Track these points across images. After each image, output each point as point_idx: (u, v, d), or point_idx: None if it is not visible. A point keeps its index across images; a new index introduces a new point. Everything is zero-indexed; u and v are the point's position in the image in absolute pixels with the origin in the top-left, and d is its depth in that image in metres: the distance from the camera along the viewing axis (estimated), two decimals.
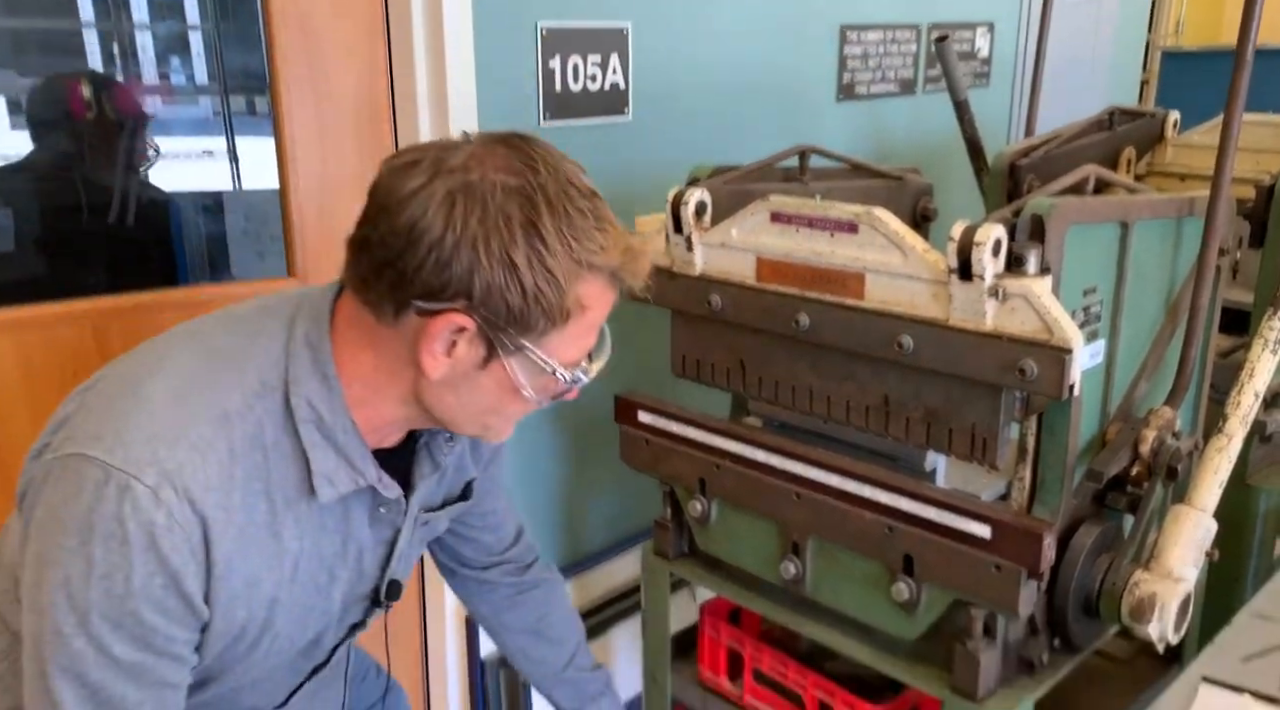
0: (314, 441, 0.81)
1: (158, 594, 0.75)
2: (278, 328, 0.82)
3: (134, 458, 0.74)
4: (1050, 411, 1.02)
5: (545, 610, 1.20)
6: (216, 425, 0.77)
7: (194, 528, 0.75)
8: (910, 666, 1.09)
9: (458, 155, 0.77)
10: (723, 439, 1.20)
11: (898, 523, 1.05)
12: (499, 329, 0.78)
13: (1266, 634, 1.09)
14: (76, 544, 0.73)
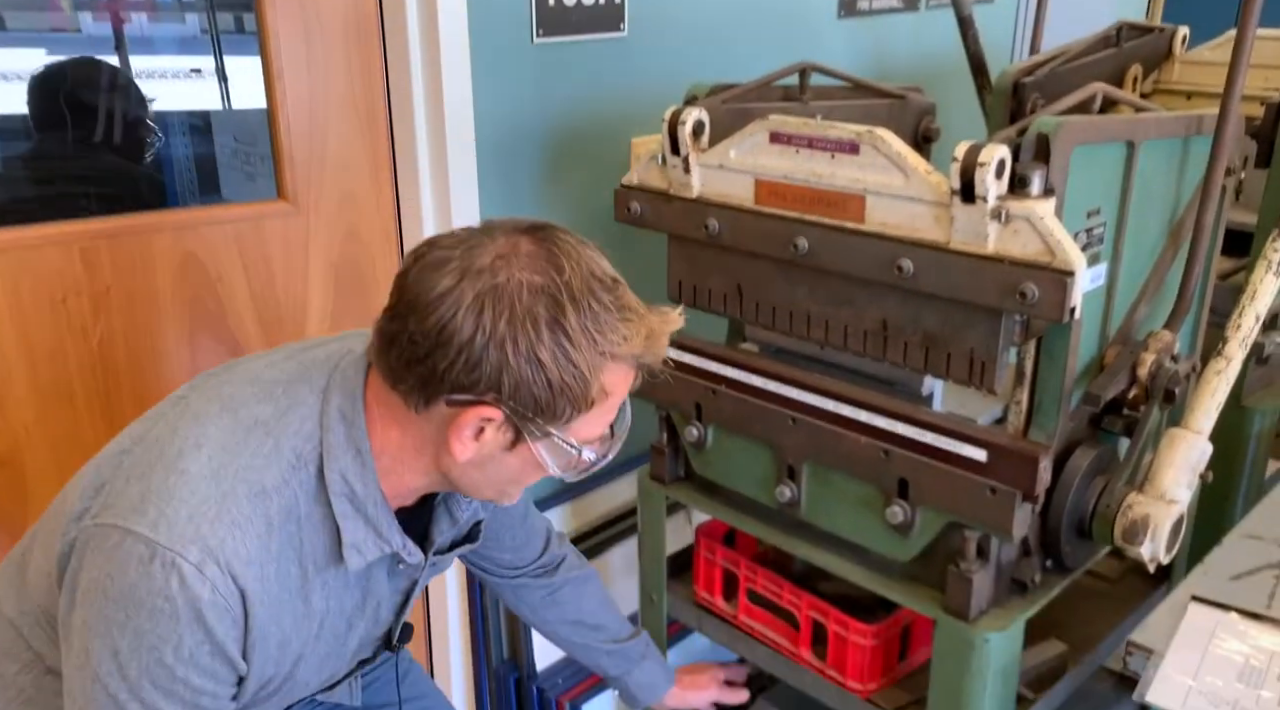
0: (345, 513, 0.85)
1: (205, 661, 0.80)
2: (312, 399, 0.85)
3: (178, 535, 0.77)
4: (1049, 335, 1.01)
5: (580, 602, 1.26)
6: (255, 501, 0.81)
7: (235, 599, 0.79)
8: (903, 587, 1.11)
9: (485, 254, 0.79)
10: (719, 365, 1.20)
11: (893, 447, 1.05)
12: (526, 418, 0.81)
13: (1255, 553, 1.11)
14: (124, 618, 0.77)
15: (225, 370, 0.92)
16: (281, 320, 1.44)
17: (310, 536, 0.85)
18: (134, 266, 1.31)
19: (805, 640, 1.22)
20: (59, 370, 1.27)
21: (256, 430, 0.84)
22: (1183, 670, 0.93)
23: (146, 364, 1.34)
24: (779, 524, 1.22)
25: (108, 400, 1.32)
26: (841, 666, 1.18)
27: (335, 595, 0.89)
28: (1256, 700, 0.89)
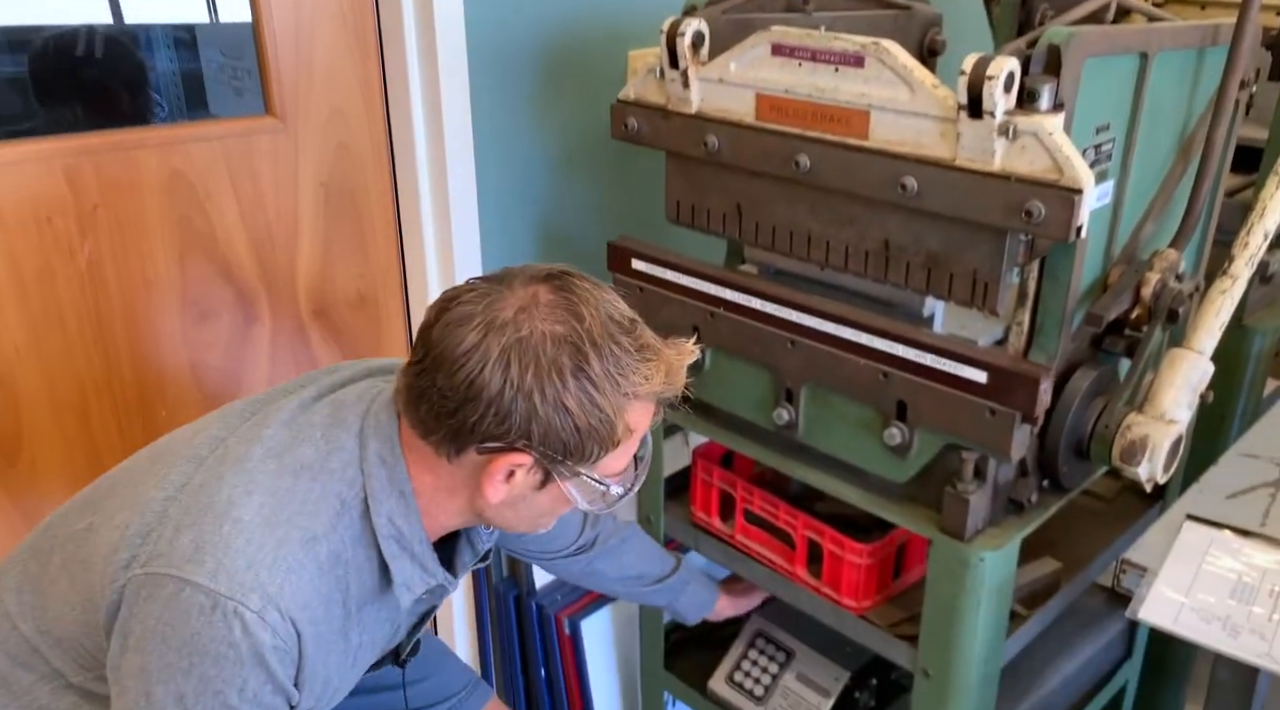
0: (394, 553, 0.89)
1: (267, 699, 0.83)
2: (351, 443, 0.89)
3: (238, 584, 0.80)
4: (1054, 255, 1.00)
5: (618, 565, 1.29)
6: (306, 547, 0.84)
7: (293, 641, 0.83)
8: (899, 507, 1.11)
9: (507, 307, 0.82)
10: (718, 287, 1.18)
11: (893, 369, 1.04)
12: (555, 461, 0.85)
13: (1251, 472, 1.11)
14: (188, 665, 0.80)
15: (254, 411, 0.94)
16: (273, 240, 1.42)
17: (354, 578, 0.88)
18: (120, 185, 1.28)
19: (801, 559, 1.23)
20: (47, 292, 1.25)
21: (303, 475, 0.86)
22: (1175, 588, 0.94)
23: (137, 285, 1.32)
24: (776, 446, 1.22)
25: (99, 323, 1.30)
26: (836, 585, 1.19)
27: (369, 630, 0.94)
28: (1248, 616, 0.90)
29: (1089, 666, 1.42)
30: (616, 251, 1.28)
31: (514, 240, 1.55)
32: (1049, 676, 1.35)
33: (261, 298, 1.44)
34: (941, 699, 1.11)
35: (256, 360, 1.46)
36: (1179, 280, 1.03)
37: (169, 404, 1.39)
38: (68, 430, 1.32)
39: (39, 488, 1.31)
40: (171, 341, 1.37)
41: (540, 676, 1.63)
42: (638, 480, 0.93)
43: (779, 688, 1.37)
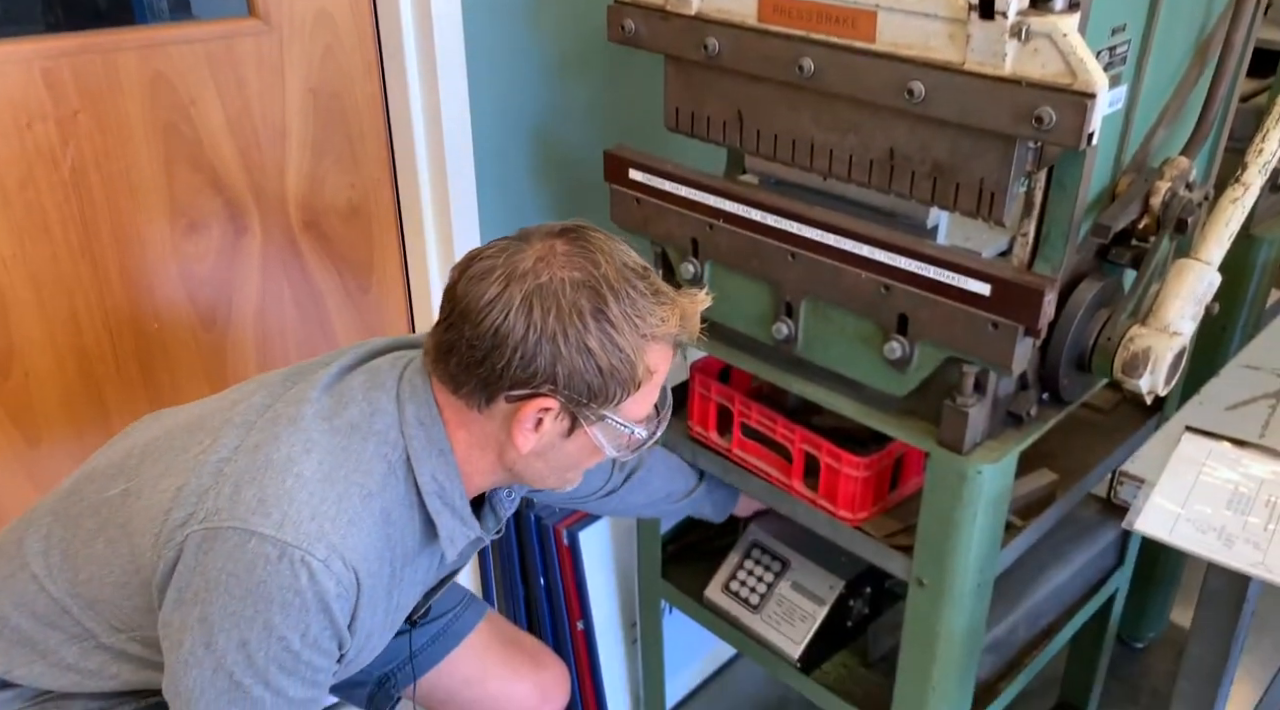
0: (438, 509, 0.94)
1: (326, 645, 0.88)
2: (390, 407, 0.92)
3: (304, 534, 0.84)
4: (1062, 163, 0.97)
5: (648, 489, 1.31)
6: (363, 502, 0.88)
7: (353, 590, 0.88)
8: (897, 421, 1.11)
9: (526, 259, 0.86)
10: (717, 198, 1.16)
11: (895, 282, 1.03)
12: (581, 404, 0.88)
13: (1252, 383, 1.11)
14: (252, 613, 0.84)
15: (294, 380, 0.97)
16: (261, 148, 1.38)
17: (398, 536, 0.92)
18: (100, 89, 1.23)
19: (798, 472, 1.24)
20: (31, 201, 1.22)
21: (355, 435, 0.90)
22: (1172, 499, 0.94)
23: (122, 194, 1.29)
24: (775, 360, 1.21)
25: (85, 232, 1.28)
26: (833, 497, 1.20)
27: (406, 590, 0.98)
28: (1243, 526, 0.91)
29: (1080, 574, 1.44)
30: (613, 161, 1.25)
31: (507, 149, 1.52)
32: (1041, 584, 1.37)
33: (251, 208, 1.41)
34: (935, 607, 1.13)
35: (247, 272, 1.44)
36: (1189, 189, 1.01)
37: (161, 317, 1.38)
38: (60, 343, 1.30)
39: (34, 402, 1.31)
40: (160, 252, 1.35)
41: (540, 586, 1.65)
42: (661, 425, 0.97)
43: (774, 596, 1.39)
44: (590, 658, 1.67)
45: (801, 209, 1.09)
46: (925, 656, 1.16)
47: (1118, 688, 1.84)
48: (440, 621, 1.25)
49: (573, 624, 1.65)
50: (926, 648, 1.16)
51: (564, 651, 1.68)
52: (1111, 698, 1.81)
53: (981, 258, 1.02)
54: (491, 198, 1.51)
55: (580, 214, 1.65)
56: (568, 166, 1.59)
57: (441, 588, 1.10)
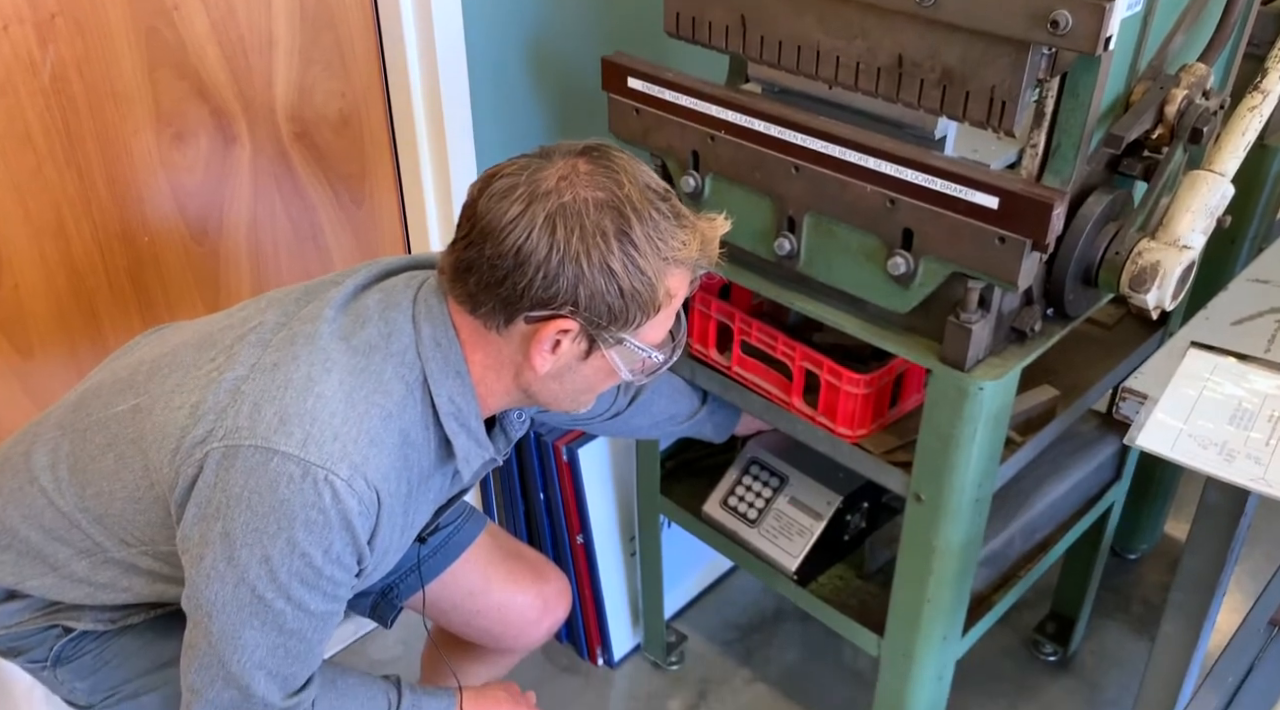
0: (455, 431, 0.94)
1: (347, 561, 0.89)
2: (407, 328, 0.92)
3: (327, 453, 0.84)
4: (1076, 70, 0.94)
5: (652, 410, 1.31)
6: (384, 422, 0.88)
7: (375, 508, 0.88)
8: (899, 338, 1.10)
9: (548, 178, 0.85)
10: (718, 108, 1.12)
11: (900, 195, 1.00)
12: (601, 327, 0.88)
13: (1260, 297, 1.09)
14: (275, 530, 0.84)
15: (308, 298, 0.95)
16: (247, 56, 1.34)
17: (415, 457, 0.92)
18: None
19: (798, 390, 1.23)
20: (12, 108, 1.19)
21: (374, 356, 0.90)
22: (1174, 415, 0.94)
23: (105, 102, 1.25)
24: (776, 277, 1.19)
25: (69, 141, 1.24)
26: (833, 414, 1.20)
27: (420, 508, 0.99)
28: (1245, 441, 0.90)
29: (1078, 489, 1.45)
30: (611, 68, 1.21)
31: (503, 57, 1.47)
32: (1038, 499, 1.38)
33: (239, 118, 1.37)
34: (933, 522, 1.13)
35: (238, 184, 1.41)
36: (1206, 97, 0.97)
37: (151, 230, 1.35)
38: (49, 255, 1.28)
39: (25, 314, 1.29)
40: (148, 163, 1.32)
41: (540, 501, 1.67)
42: (676, 350, 0.96)
43: (772, 511, 1.40)
44: (590, 571, 1.70)
45: (805, 119, 1.06)
46: (921, 570, 1.18)
47: (1110, 598, 1.88)
48: (443, 533, 1.26)
49: (572, 538, 1.67)
50: (923, 562, 1.17)
51: (564, 565, 1.71)
52: (1103, 608, 1.85)
53: (990, 170, 1.00)
54: (486, 107, 1.47)
55: (578, 124, 1.61)
56: (566, 74, 1.54)
57: (451, 505, 1.11)
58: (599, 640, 1.77)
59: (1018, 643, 1.80)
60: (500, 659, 1.41)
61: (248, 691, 0.91)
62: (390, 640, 1.81)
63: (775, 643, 1.83)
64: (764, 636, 1.84)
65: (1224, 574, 1.03)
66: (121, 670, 1.05)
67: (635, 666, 1.79)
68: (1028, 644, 1.79)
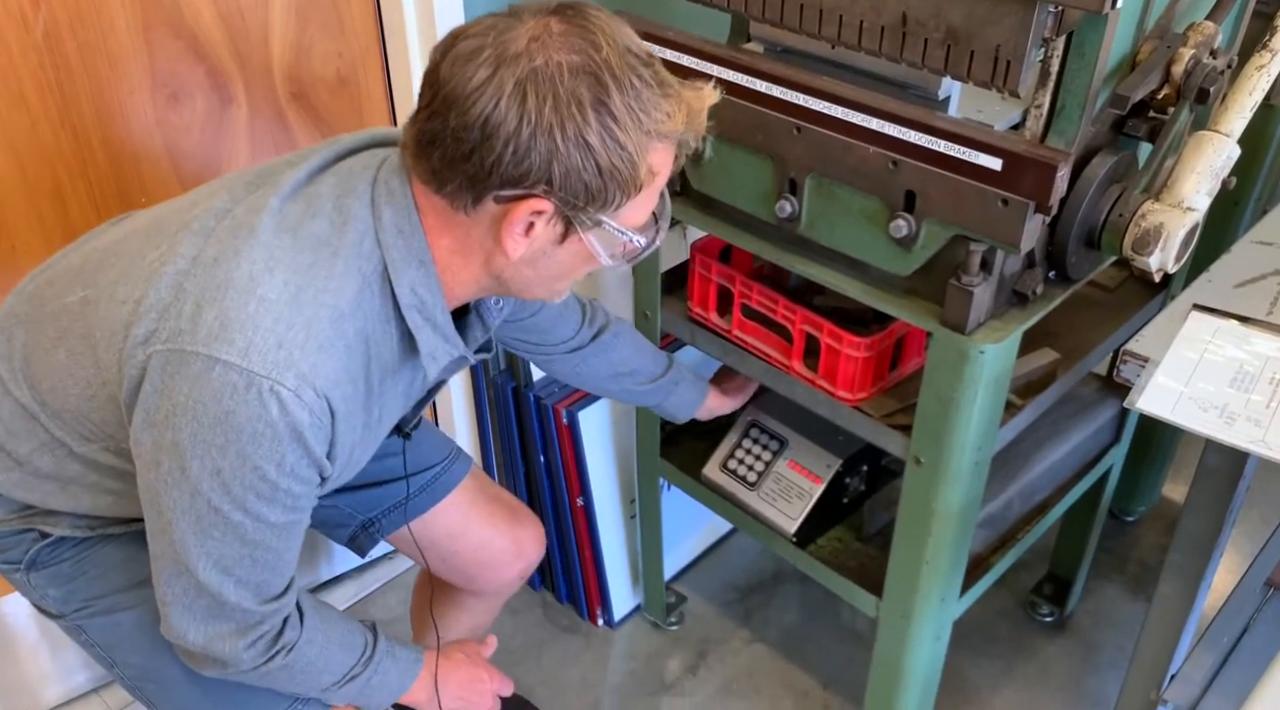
0: (418, 325, 0.87)
1: (304, 472, 0.85)
2: (364, 213, 0.85)
3: (272, 363, 0.79)
4: (1082, 29, 0.92)
5: (612, 360, 1.28)
6: (334, 324, 0.82)
7: (327, 418, 0.83)
8: (900, 301, 1.09)
9: (517, 39, 0.77)
10: (719, 68, 1.11)
11: (903, 157, 0.99)
12: (577, 207, 0.80)
13: (1263, 260, 1.09)
14: (224, 442, 0.80)
15: (259, 182, 0.89)
16: (243, 15, 1.32)
17: (377, 353, 0.87)
18: None
19: (798, 353, 1.23)
20: (4, 65, 1.18)
21: (323, 251, 0.83)
22: (1175, 377, 0.94)
23: (100, 61, 1.24)
24: (777, 240, 1.18)
25: (64, 101, 1.23)
26: (833, 378, 1.20)
27: (388, 404, 0.94)
28: (1245, 403, 0.90)
29: (1077, 451, 1.45)
30: None
31: None
32: (1037, 461, 1.39)
33: (235, 78, 1.35)
34: (932, 485, 1.14)
35: (235, 145, 1.39)
36: (1213, 56, 0.96)
37: (148, 191, 1.34)
38: (45, 216, 1.28)
39: (22, 275, 1.28)
40: (144, 123, 1.30)
41: (540, 464, 1.67)
42: (660, 234, 0.89)
43: (771, 474, 1.40)
44: (590, 533, 1.71)
45: (808, 79, 1.05)
46: (920, 532, 1.18)
47: (1107, 560, 1.89)
48: (430, 472, 1.26)
49: (572, 500, 1.68)
50: (922, 524, 1.17)
51: (564, 527, 1.72)
52: (1100, 569, 1.86)
53: (993, 131, 0.99)
54: None
55: None
56: None
57: (429, 399, 1.06)
58: (599, 601, 1.79)
59: (1015, 604, 1.82)
60: (479, 605, 1.41)
61: (219, 599, 0.88)
62: (393, 601, 1.83)
63: (774, 604, 1.85)
64: (763, 598, 1.86)
65: (1222, 536, 1.04)
66: (98, 583, 1.02)
67: (635, 627, 1.81)
68: (1025, 605, 1.81)
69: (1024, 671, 1.71)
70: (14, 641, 1.55)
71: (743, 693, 1.70)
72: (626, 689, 1.71)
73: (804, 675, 1.72)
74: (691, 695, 1.70)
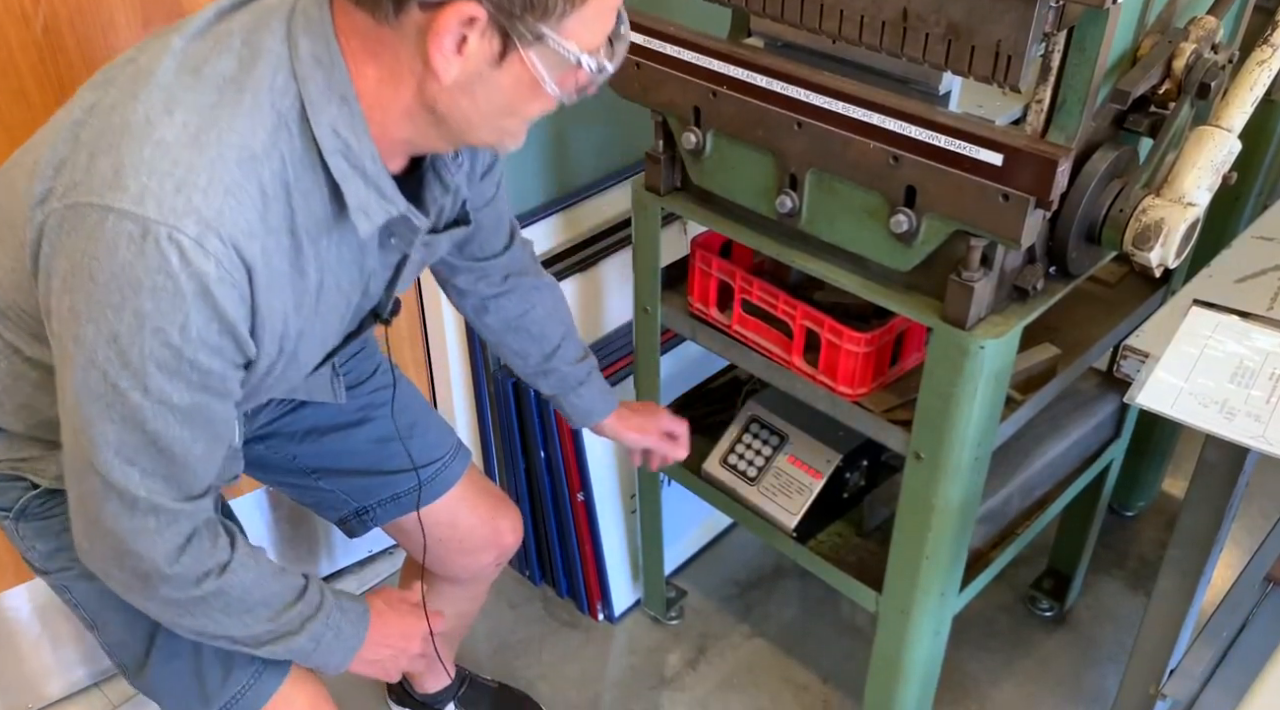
0: (344, 172, 0.78)
1: (214, 340, 0.75)
2: (278, 47, 0.75)
3: (169, 208, 0.71)
4: (1083, 24, 0.92)
5: (526, 308, 1.22)
6: (243, 167, 0.74)
7: (241, 274, 0.74)
8: (901, 296, 1.09)
9: None
10: (720, 63, 1.11)
11: (904, 152, 0.99)
12: (514, 16, 0.71)
13: (1264, 255, 1.09)
14: (120, 300, 0.72)
15: (170, 29, 0.80)
16: None
17: (301, 204, 0.78)
18: None
19: (798, 348, 1.23)
20: (4, 61, 1.17)
21: (228, 89, 0.74)
22: (1175, 373, 0.94)
23: (100, 57, 1.24)
24: (777, 235, 1.18)
25: (63, 94, 1.22)
26: (833, 373, 1.20)
27: (330, 268, 0.84)
28: (1245, 399, 0.90)
29: (1077, 446, 1.45)
30: None
31: None
32: (1037, 456, 1.39)
33: None
34: (932, 480, 1.14)
35: None
36: (1214, 50, 0.96)
37: None
38: None
39: None
40: None
41: (540, 458, 1.67)
42: (615, 60, 0.79)
43: (771, 469, 1.40)
44: (591, 528, 1.71)
45: (808, 74, 1.04)
46: (920, 528, 1.18)
47: (1106, 555, 1.89)
48: (433, 467, 1.25)
49: (573, 495, 1.68)
50: (921, 519, 1.18)
51: (564, 521, 1.72)
52: (1100, 564, 1.87)
53: (994, 126, 0.99)
54: None
55: None
56: None
57: (400, 276, 0.94)
58: (600, 596, 1.79)
59: (1014, 599, 1.82)
60: (459, 592, 1.40)
61: (127, 494, 0.80)
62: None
63: (774, 599, 1.85)
64: (763, 593, 1.86)
65: (1221, 531, 1.04)
66: None
67: (635, 621, 1.82)
68: (1024, 600, 1.81)
69: (1023, 666, 1.72)
70: (15, 636, 1.55)
71: (742, 687, 1.70)
72: (626, 683, 1.71)
73: (804, 670, 1.72)
74: (691, 690, 1.70)
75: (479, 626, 1.80)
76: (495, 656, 1.75)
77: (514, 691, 1.65)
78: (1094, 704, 1.66)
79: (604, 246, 1.67)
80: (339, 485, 1.23)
